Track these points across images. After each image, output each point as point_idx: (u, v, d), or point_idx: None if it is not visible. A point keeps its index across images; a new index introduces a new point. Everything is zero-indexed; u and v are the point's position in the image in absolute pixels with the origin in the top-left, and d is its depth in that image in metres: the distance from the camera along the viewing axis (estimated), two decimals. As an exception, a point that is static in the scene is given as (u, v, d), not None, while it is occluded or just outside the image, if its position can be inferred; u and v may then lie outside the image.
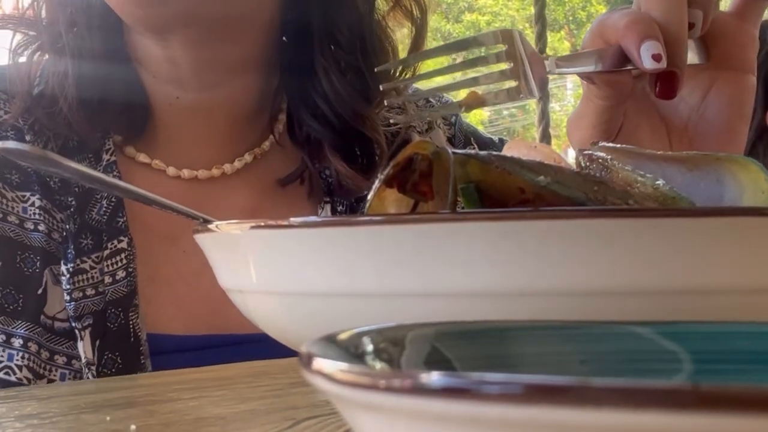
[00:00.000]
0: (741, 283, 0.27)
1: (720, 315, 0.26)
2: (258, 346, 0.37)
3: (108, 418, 0.35)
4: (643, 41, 0.51)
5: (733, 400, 0.12)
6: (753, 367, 0.23)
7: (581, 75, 0.56)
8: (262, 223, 0.31)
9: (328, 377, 0.16)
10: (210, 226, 0.34)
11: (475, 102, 0.53)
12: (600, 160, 0.38)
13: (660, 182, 0.35)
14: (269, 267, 0.31)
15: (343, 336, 0.20)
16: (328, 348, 0.19)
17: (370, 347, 0.21)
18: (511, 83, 0.54)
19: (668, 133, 0.61)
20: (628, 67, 0.54)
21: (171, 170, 0.71)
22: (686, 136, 0.60)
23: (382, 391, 0.15)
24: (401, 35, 0.79)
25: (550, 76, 0.55)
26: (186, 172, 0.71)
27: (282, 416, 0.35)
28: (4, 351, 0.62)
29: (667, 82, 0.53)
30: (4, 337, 0.63)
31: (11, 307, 0.63)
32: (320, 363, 0.16)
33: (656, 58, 0.51)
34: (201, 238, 0.35)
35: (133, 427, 0.33)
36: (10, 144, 0.33)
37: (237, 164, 0.73)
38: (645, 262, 0.27)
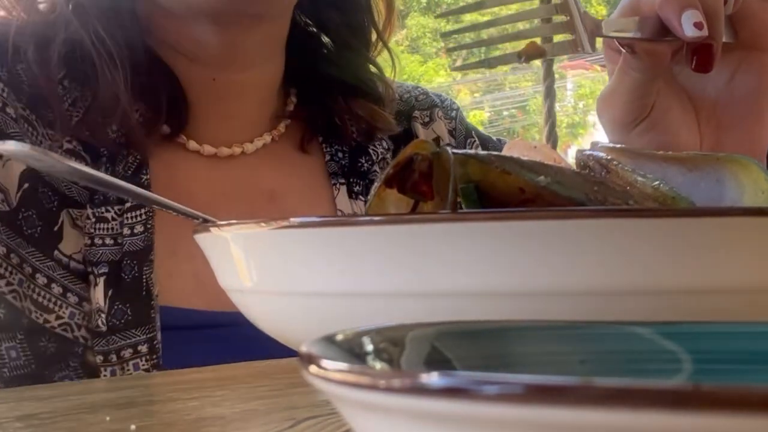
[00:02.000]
0: (741, 283, 0.27)
1: (720, 315, 0.26)
2: None
3: (108, 418, 0.35)
4: (683, 10, 0.52)
5: (733, 400, 0.12)
6: (753, 367, 0.23)
7: (622, 42, 0.55)
8: (262, 224, 0.31)
9: (328, 377, 0.16)
10: (209, 226, 0.34)
11: (534, 52, 0.53)
12: (600, 161, 0.38)
13: (660, 182, 0.35)
14: (269, 267, 0.31)
15: (342, 336, 0.20)
16: (328, 348, 0.19)
17: (369, 347, 0.21)
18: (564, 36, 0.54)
19: (696, 115, 0.61)
20: (668, 38, 0.54)
21: (192, 144, 0.71)
22: (714, 118, 0.60)
23: (382, 391, 0.15)
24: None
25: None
26: (207, 148, 0.72)
27: (282, 416, 0.35)
28: (14, 275, 0.63)
29: (704, 54, 0.54)
30: (18, 260, 0.63)
31: (29, 232, 0.64)
32: (320, 363, 0.16)
33: (698, 26, 0.52)
34: (201, 238, 0.35)
35: (133, 427, 0.33)
36: (11, 144, 0.33)
37: (257, 143, 0.74)
38: (645, 262, 0.27)
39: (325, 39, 0.79)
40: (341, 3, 0.79)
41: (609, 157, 0.38)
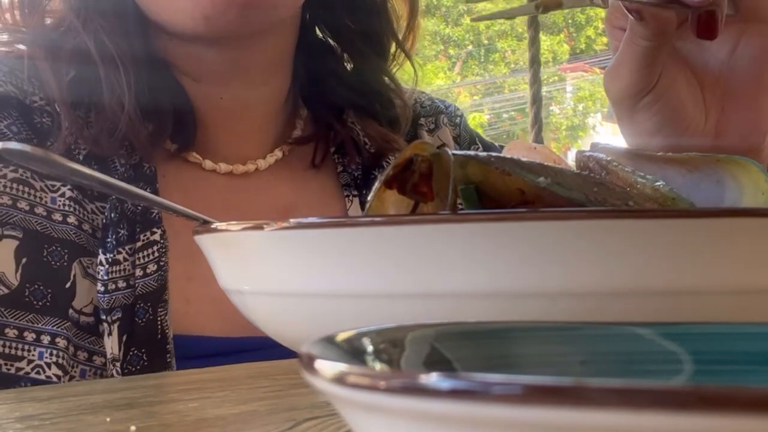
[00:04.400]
0: (741, 283, 0.27)
1: (720, 315, 0.26)
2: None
3: (108, 419, 0.35)
4: None
5: (733, 400, 0.12)
6: (753, 368, 0.23)
7: (630, 8, 0.56)
8: (262, 224, 0.31)
9: (328, 378, 0.16)
10: (210, 227, 0.34)
11: (552, 2, 0.54)
12: (600, 162, 0.38)
13: (660, 183, 0.35)
14: (269, 267, 0.31)
15: (342, 337, 0.20)
16: (328, 349, 0.19)
17: (369, 348, 0.21)
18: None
19: (701, 89, 0.61)
20: (674, 5, 0.54)
21: (208, 164, 0.71)
22: (718, 91, 0.61)
23: (382, 391, 0.15)
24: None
25: (550, 80, 0.55)
26: (222, 166, 0.71)
27: (282, 417, 0.35)
28: (34, 349, 0.61)
29: (708, 21, 0.54)
30: (34, 336, 0.61)
31: (40, 304, 0.61)
32: (320, 364, 0.16)
33: None
34: (201, 239, 0.35)
35: (133, 428, 0.33)
36: (12, 145, 0.33)
37: (270, 159, 0.74)
38: (645, 263, 0.27)
39: (339, 51, 0.78)
40: (356, 11, 0.77)
41: (609, 159, 0.38)
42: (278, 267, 0.31)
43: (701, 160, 0.40)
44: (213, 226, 0.33)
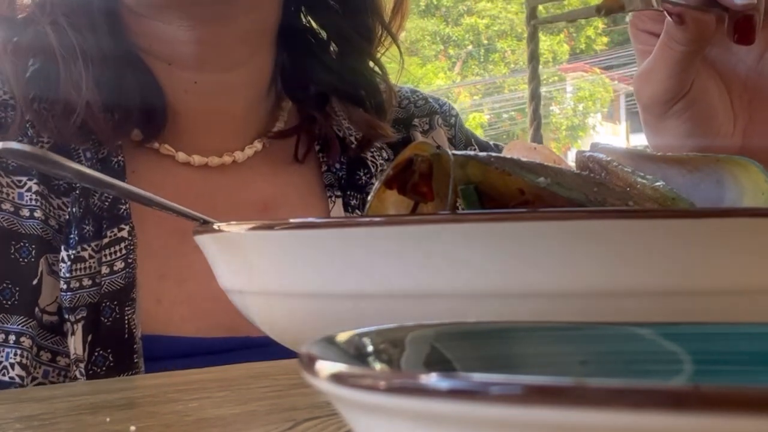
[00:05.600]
0: (741, 283, 0.27)
1: (720, 315, 0.26)
2: (276, 348, 0.36)
3: (108, 419, 0.35)
4: None
5: (733, 400, 0.12)
6: (753, 368, 0.23)
7: (672, 11, 0.55)
8: (263, 224, 0.31)
9: (328, 378, 0.16)
10: (210, 227, 0.34)
11: (614, 5, 0.54)
12: (600, 162, 0.38)
13: (660, 183, 0.35)
14: (269, 267, 0.31)
15: (342, 337, 0.21)
16: (328, 349, 0.19)
17: (369, 348, 0.21)
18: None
19: (728, 94, 0.61)
20: (714, 8, 0.54)
21: (181, 156, 0.69)
22: (745, 96, 0.61)
23: (382, 392, 0.15)
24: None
25: (550, 80, 0.55)
26: (196, 158, 0.69)
27: (282, 417, 0.35)
28: (2, 350, 0.59)
29: (746, 25, 0.54)
30: (3, 336, 0.59)
31: (8, 303, 0.60)
32: (320, 364, 0.16)
33: None
34: (201, 239, 0.35)
35: (133, 428, 0.33)
36: (12, 145, 0.33)
37: (248, 151, 0.71)
38: (645, 263, 0.27)
39: (324, 36, 0.76)
40: None
41: (609, 159, 0.38)
42: (278, 267, 0.31)
43: (701, 160, 0.40)
44: (214, 226, 0.33)
